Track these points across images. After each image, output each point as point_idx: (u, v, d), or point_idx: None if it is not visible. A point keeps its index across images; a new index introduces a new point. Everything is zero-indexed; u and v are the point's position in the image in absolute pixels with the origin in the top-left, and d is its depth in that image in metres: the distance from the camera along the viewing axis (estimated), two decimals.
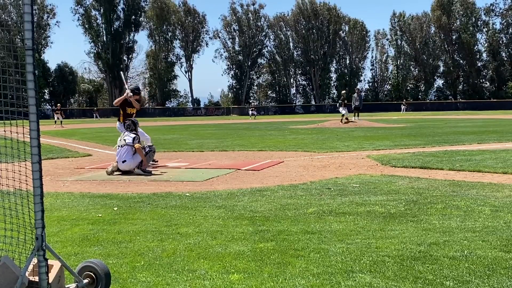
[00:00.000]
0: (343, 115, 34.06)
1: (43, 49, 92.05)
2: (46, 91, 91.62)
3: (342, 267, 4.31)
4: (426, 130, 25.68)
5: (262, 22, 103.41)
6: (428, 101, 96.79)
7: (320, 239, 5.22)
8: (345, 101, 34.79)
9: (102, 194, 8.38)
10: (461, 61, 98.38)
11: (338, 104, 37.79)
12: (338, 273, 4.15)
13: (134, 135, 11.57)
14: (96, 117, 76.88)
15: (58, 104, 51.75)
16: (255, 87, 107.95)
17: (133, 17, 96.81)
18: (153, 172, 11.04)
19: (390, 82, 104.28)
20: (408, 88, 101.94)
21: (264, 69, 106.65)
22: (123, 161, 11.15)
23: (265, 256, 4.68)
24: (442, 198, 7.33)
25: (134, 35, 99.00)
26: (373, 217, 6.18)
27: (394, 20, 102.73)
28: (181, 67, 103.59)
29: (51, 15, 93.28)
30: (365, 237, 5.25)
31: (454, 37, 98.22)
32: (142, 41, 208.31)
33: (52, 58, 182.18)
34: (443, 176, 9.60)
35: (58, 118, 46.97)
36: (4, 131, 3.53)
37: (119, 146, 11.48)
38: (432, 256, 4.55)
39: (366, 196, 7.57)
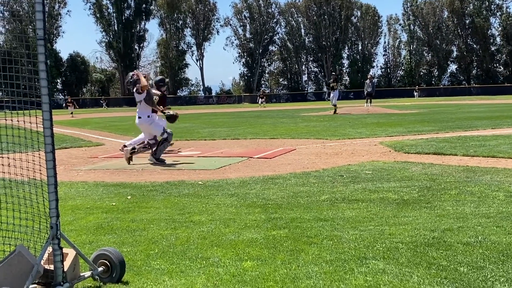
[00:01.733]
0: (334, 105, 31.27)
1: (55, 39, 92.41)
2: (58, 80, 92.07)
3: (355, 253, 4.31)
4: (440, 115, 25.51)
5: (273, 9, 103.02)
6: (441, 86, 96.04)
7: (333, 226, 5.22)
8: (335, 83, 31.47)
9: (115, 183, 8.43)
10: (475, 46, 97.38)
11: (326, 90, 36.60)
12: (351, 260, 4.15)
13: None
14: (105, 106, 76.63)
15: (68, 97, 52.14)
16: (267, 75, 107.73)
17: (144, 5, 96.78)
18: (166, 162, 11.01)
19: (403, 68, 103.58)
20: (421, 73, 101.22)
21: (276, 57, 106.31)
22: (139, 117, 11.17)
23: (278, 243, 4.69)
24: (456, 184, 7.29)
25: (145, 24, 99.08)
26: (386, 204, 6.17)
27: (407, 4, 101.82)
28: (192, 55, 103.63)
29: (62, 5, 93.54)
30: (378, 224, 5.24)
31: (467, 21, 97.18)
32: (153, 29, 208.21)
33: (64, 47, 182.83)
34: (457, 162, 9.54)
35: (71, 109, 47.65)
36: (18, 121, 3.55)
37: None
38: (446, 242, 4.53)
39: (379, 183, 7.55)
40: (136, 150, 11.00)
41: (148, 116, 11.17)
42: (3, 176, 3.85)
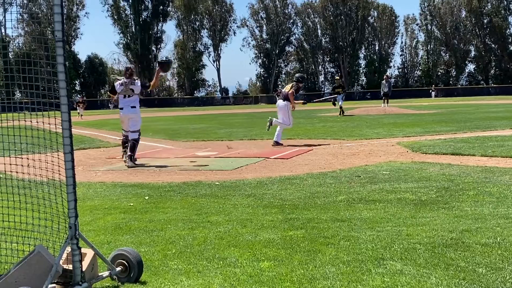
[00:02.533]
0: (340, 107, 30.51)
1: (73, 41, 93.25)
2: (77, 82, 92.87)
3: (372, 254, 4.29)
4: (457, 116, 25.30)
5: (289, 10, 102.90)
6: (459, 86, 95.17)
7: (350, 226, 5.21)
8: (340, 89, 30.51)
9: (133, 183, 8.48)
10: (493, 45, 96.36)
11: (329, 93, 35.26)
12: (368, 261, 4.13)
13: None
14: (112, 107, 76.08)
15: (80, 97, 49.18)
16: (283, 75, 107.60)
17: (161, 7, 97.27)
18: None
19: (420, 68, 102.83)
20: (439, 73, 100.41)
21: (292, 57, 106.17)
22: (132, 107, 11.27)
23: (295, 244, 4.69)
24: (474, 184, 7.22)
25: (162, 25, 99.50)
26: (403, 205, 6.13)
27: (424, 4, 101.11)
28: (209, 56, 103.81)
29: (80, 7, 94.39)
30: (396, 225, 5.22)
31: (485, 21, 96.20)
32: (170, 31, 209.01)
33: (82, 49, 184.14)
34: (475, 162, 9.46)
35: (79, 112, 44.13)
36: (37, 122, 3.59)
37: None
38: (464, 243, 4.50)
39: (396, 184, 7.51)
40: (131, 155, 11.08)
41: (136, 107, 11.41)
42: (22, 176, 3.90)
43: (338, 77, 34.99)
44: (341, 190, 7.18)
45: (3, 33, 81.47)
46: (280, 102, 14.92)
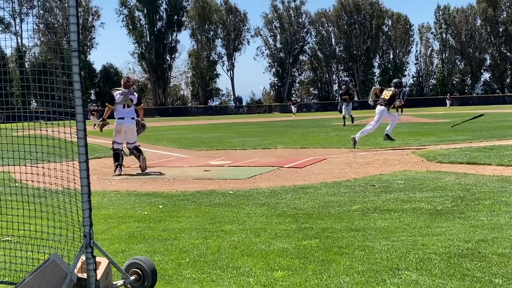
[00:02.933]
0: (351, 116, 29.05)
1: (89, 51, 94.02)
2: (92, 91, 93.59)
3: (387, 264, 4.26)
4: (473, 124, 25.09)
5: (303, 19, 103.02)
6: (474, 95, 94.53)
7: (365, 236, 5.18)
8: (348, 97, 29.14)
9: (147, 192, 8.51)
10: (509, 54, 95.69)
11: (337, 101, 30.39)
12: (383, 271, 4.10)
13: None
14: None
15: (94, 104, 47.20)
16: (297, 84, 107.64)
17: (176, 17, 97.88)
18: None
19: (435, 77, 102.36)
20: (454, 82, 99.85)
21: (306, 66, 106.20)
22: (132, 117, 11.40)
23: (309, 253, 4.66)
24: (490, 194, 7.15)
25: (176, 35, 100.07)
26: (419, 214, 6.09)
27: (439, 13, 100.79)
28: (223, 65, 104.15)
29: (95, 17, 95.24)
30: (411, 234, 5.18)
31: (500, 29, 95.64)
32: (185, 40, 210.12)
33: (98, 59, 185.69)
34: (491, 171, 9.37)
35: (94, 120, 40.75)
36: (52, 131, 3.62)
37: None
38: (480, 253, 4.45)
39: (411, 193, 7.46)
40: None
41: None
42: (38, 185, 3.92)
43: (345, 84, 33.47)
44: (355, 200, 7.15)
45: (20, 43, 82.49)
46: (380, 107, 15.42)
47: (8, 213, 4.05)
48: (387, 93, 15.49)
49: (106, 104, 11.49)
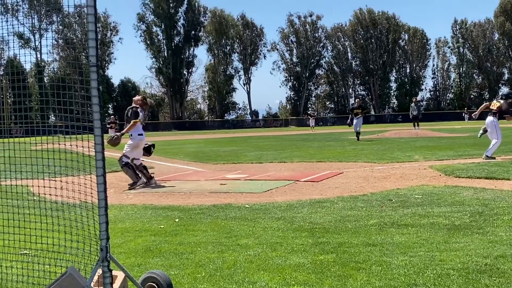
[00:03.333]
0: (358, 132, 27.98)
1: (107, 65, 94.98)
2: (110, 105, 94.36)
3: (405, 280, 4.22)
4: None
5: (319, 33, 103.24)
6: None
7: (382, 251, 5.13)
8: (360, 110, 28.35)
9: (163, 206, 8.53)
10: None
11: (349, 116, 29.29)
12: (401, 287, 4.06)
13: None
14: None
15: (112, 117, 46.57)
16: (313, 98, 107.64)
17: (193, 32, 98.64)
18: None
19: (452, 91, 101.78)
20: (472, 96, 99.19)
21: (322, 80, 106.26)
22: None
23: (326, 268, 4.63)
24: (509, 209, 7.06)
25: (193, 50, 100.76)
26: (436, 229, 6.03)
27: (456, 27, 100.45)
28: (240, 79, 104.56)
29: (114, 32, 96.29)
30: (429, 250, 5.12)
31: None
32: (202, 55, 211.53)
33: (116, 73, 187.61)
34: (510, 186, 9.26)
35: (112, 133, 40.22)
36: (70, 145, 3.65)
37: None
38: (499, 269, 4.38)
39: (429, 208, 7.39)
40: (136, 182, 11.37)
41: None
42: (55, 199, 3.95)
43: (359, 98, 32.84)
44: (372, 214, 7.10)
45: (39, 58, 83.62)
46: (489, 118, 15.18)
47: (26, 226, 4.08)
48: (495, 104, 15.31)
49: (132, 120, 11.58)
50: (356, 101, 30.40)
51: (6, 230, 3.99)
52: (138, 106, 11.71)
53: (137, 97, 12.03)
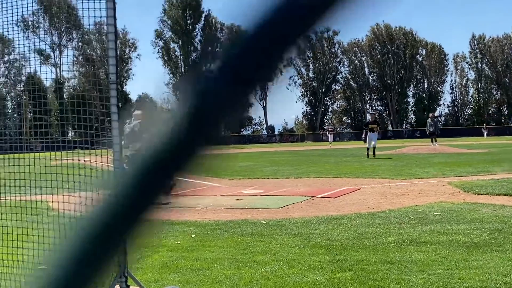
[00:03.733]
0: (374, 148, 26.32)
1: (125, 81, 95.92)
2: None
3: None
4: (511, 155, 24.60)
5: (336, 49, 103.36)
6: (511, 125, 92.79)
7: (400, 269, 5.08)
8: (375, 125, 26.68)
9: (180, 221, 8.54)
10: None
11: (364, 131, 27.80)
12: None
13: None
14: None
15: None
16: (330, 113, 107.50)
17: (210, 48, 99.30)
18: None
19: (471, 106, 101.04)
20: (490, 112, 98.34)
21: (339, 95, 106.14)
22: None
23: (343, 286, 4.60)
24: None
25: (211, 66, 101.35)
26: (455, 247, 5.96)
27: (474, 42, 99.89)
28: (256, 95, 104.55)
29: (132, 49, 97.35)
30: (448, 268, 5.06)
31: None
32: None
33: (134, 89, 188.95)
34: None
35: None
36: (90, 161, 3.69)
37: None
38: None
39: (448, 225, 7.31)
40: None
41: None
42: (74, 214, 3.98)
43: (373, 112, 31.05)
44: (390, 231, 7.04)
45: (59, 75, 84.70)
46: None
47: (45, 241, 4.11)
48: None
49: None
50: (371, 115, 29.46)
51: (25, 245, 4.03)
52: None
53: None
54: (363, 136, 27.98)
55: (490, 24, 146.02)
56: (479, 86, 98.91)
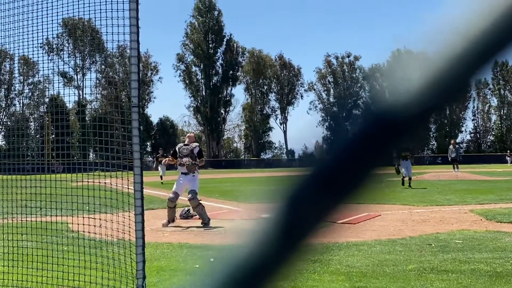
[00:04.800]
0: (410, 178, 23.27)
1: (147, 104, 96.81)
2: (148, 143, 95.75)
3: None
4: None
5: (357, 74, 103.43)
6: None
7: None
8: (408, 153, 23.32)
9: (199, 245, 8.52)
10: None
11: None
12: None
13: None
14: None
15: (160, 150, 38.17)
16: None
17: (231, 72, 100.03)
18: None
19: (493, 133, 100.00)
20: None
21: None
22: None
23: None
24: None
25: (231, 89, 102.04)
26: (477, 276, 5.84)
27: (496, 69, 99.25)
28: (276, 119, 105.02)
29: (154, 72, 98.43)
30: None
31: None
32: (239, 94, 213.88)
33: (155, 112, 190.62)
34: None
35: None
36: (111, 183, 3.70)
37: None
38: None
39: (470, 253, 7.19)
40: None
41: None
42: (93, 236, 4.00)
43: None
44: (411, 259, 6.93)
45: (81, 97, 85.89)
46: None
47: (64, 263, 4.12)
48: None
49: (203, 158, 12.18)
50: None
51: (45, 266, 4.04)
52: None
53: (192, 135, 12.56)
54: (396, 165, 24.37)
55: None
56: (502, 112, 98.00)
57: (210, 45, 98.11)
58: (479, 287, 5.35)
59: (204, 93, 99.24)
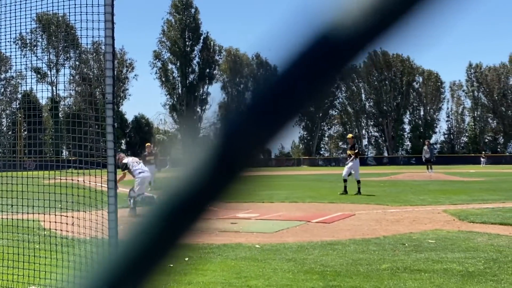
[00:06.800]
0: (358, 181, 19.51)
1: (122, 101, 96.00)
2: (123, 141, 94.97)
3: None
4: (506, 184, 24.61)
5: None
6: (507, 154, 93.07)
7: None
8: (353, 152, 20.31)
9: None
10: None
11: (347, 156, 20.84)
12: None
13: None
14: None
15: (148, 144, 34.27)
16: (326, 138, 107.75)
17: (208, 70, 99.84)
18: None
19: (467, 134, 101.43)
20: (486, 140, 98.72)
21: (336, 121, 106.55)
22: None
23: None
24: None
25: (207, 88, 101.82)
26: (450, 275, 5.91)
27: (471, 71, 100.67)
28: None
29: (130, 69, 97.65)
30: None
31: None
32: (215, 92, 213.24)
33: (130, 109, 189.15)
34: None
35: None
36: (84, 180, 3.65)
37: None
38: None
39: (442, 253, 7.27)
40: None
41: None
42: (66, 234, 3.94)
43: (352, 136, 22.06)
44: (385, 258, 6.99)
45: (55, 93, 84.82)
46: None
47: (36, 261, 4.06)
48: None
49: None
50: (350, 137, 22.02)
51: (16, 264, 3.98)
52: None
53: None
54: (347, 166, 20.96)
55: (487, 53, 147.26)
56: (475, 114, 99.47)
57: (187, 43, 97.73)
58: (451, 287, 5.41)
59: (180, 91, 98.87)
